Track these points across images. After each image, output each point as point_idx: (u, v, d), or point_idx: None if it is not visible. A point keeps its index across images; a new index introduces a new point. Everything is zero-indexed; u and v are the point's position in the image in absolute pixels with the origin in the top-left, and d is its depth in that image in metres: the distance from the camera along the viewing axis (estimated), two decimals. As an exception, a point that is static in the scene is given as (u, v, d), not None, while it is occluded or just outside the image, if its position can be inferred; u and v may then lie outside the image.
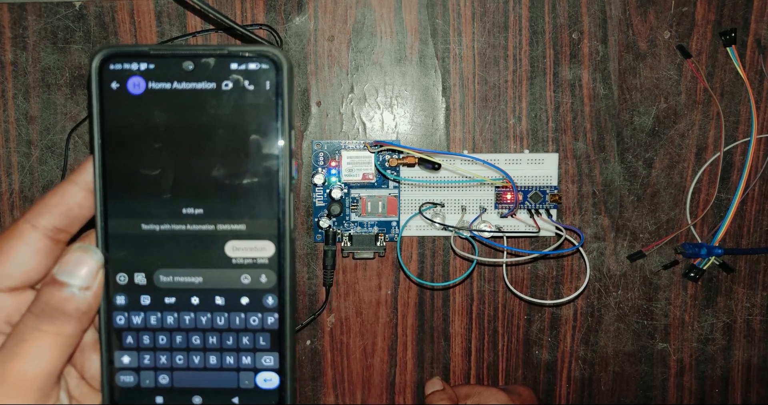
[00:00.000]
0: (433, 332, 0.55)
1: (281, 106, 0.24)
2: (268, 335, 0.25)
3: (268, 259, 0.25)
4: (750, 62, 0.53)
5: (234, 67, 0.24)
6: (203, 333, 0.25)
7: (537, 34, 0.52)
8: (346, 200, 0.52)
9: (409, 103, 0.52)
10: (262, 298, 0.25)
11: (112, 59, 0.24)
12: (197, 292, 0.25)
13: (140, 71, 0.24)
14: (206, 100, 0.24)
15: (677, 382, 0.56)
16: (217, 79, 0.24)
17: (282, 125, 0.24)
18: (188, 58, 0.24)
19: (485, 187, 0.52)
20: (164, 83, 0.24)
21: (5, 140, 0.51)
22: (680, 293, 0.55)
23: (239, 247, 0.25)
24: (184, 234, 0.25)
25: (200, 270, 0.25)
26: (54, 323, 0.23)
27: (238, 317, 0.25)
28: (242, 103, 0.24)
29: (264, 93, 0.24)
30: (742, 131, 0.53)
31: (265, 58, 0.24)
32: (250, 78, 0.24)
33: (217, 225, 0.25)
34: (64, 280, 0.23)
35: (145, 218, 0.25)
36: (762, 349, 0.56)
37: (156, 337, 0.25)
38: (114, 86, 0.24)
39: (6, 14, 0.50)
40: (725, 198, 0.54)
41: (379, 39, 0.52)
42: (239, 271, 0.25)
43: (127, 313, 0.25)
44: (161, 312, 0.25)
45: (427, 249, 0.54)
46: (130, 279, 0.25)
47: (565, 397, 0.56)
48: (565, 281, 0.54)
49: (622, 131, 0.53)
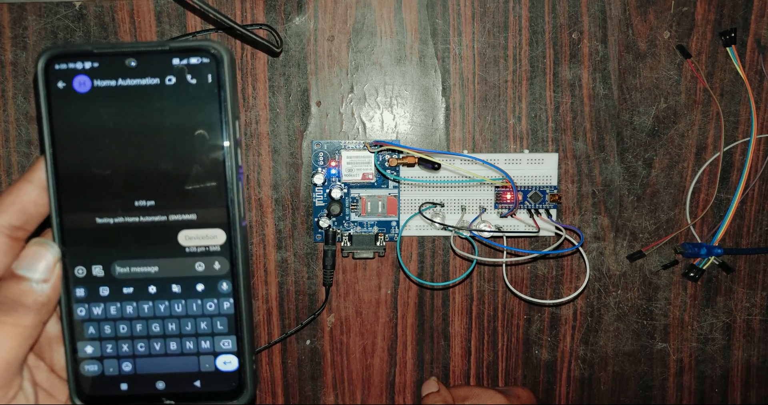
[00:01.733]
0: (432, 332, 0.55)
1: (224, 98, 0.25)
2: (225, 319, 0.26)
3: (220, 246, 0.26)
4: (750, 62, 0.53)
5: (176, 62, 0.25)
6: (162, 320, 0.26)
7: (537, 34, 0.52)
8: (346, 200, 0.52)
9: (409, 103, 0.52)
10: (216, 284, 0.26)
11: (57, 59, 0.24)
12: (154, 281, 0.26)
13: (85, 70, 0.25)
14: (151, 96, 0.25)
15: (677, 381, 0.56)
16: (160, 75, 0.25)
17: (225, 116, 0.25)
18: (131, 55, 0.24)
19: (485, 187, 0.52)
20: (109, 81, 0.25)
21: (5, 140, 0.51)
22: (680, 293, 0.55)
23: (191, 236, 0.26)
24: (137, 226, 0.25)
25: (155, 260, 0.26)
26: (13, 315, 0.24)
27: (195, 303, 0.26)
28: (186, 96, 0.25)
29: (206, 86, 0.25)
30: (741, 131, 0.54)
31: (205, 52, 0.25)
32: (192, 72, 0.25)
33: (168, 216, 0.25)
34: (23, 273, 0.24)
35: (99, 212, 0.25)
36: (762, 348, 0.56)
37: (117, 326, 0.26)
38: (60, 86, 0.25)
39: (6, 14, 0.50)
40: (725, 198, 0.54)
41: (379, 39, 0.52)
42: (193, 259, 0.26)
43: (87, 304, 0.26)
44: (120, 302, 0.26)
45: (426, 249, 0.54)
46: (88, 271, 0.26)
47: (564, 397, 0.56)
48: (564, 281, 0.54)
49: (622, 131, 0.53)
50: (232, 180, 0.25)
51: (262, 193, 0.52)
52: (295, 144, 0.52)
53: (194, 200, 0.25)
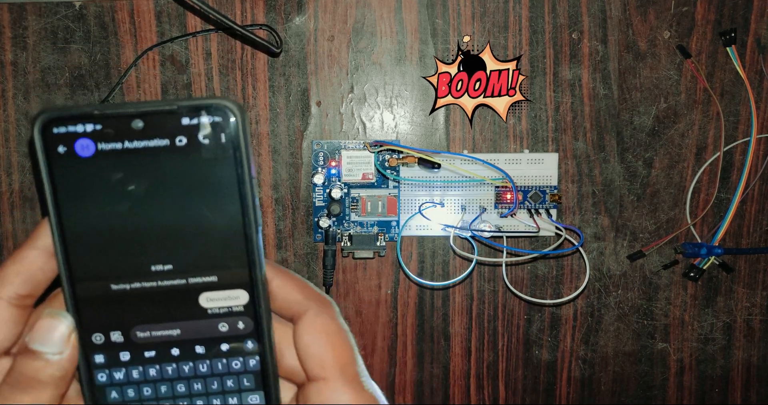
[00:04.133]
0: (432, 332, 0.55)
1: (239, 157, 0.23)
2: (252, 376, 0.25)
3: (243, 306, 0.25)
4: (750, 62, 0.53)
5: (186, 121, 0.23)
6: (188, 380, 0.25)
7: (537, 34, 0.52)
8: (346, 200, 0.52)
9: (409, 103, 0.52)
10: (242, 344, 0.25)
11: (55, 123, 0.23)
12: (176, 344, 0.25)
13: (87, 133, 0.23)
14: (161, 158, 0.23)
15: (677, 381, 0.56)
16: (170, 136, 0.23)
17: (241, 175, 0.24)
18: (136, 117, 0.23)
19: (485, 186, 0.52)
20: (114, 143, 0.23)
21: (5, 140, 0.51)
22: (680, 293, 0.55)
23: (213, 298, 0.25)
24: (155, 291, 0.24)
25: (177, 323, 0.25)
26: (30, 393, 0.23)
27: (220, 363, 0.25)
28: (198, 157, 0.23)
29: (220, 145, 0.23)
30: (741, 131, 0.53)
31: (217, 109, 0.23)
32: (204, 131, 0.23)
33: (188, 279, 0.24)
34: (37, 348, 0.23)
35: (113, 279, 0.24)
36: (762, 348, 0.56)
37: (140, 389, 0.25)
38: (61, 150, 0.23)
39: (6, 14, 0.50)
40: (725, 198, 0.54)
41: (379, 39, 0.52)
42: (216, 321, 0.25)
43: (108, 370, 0.25)
44: (142, 366, 0.25)
45: (426, 249, 0.54)
46: (106, 338, 0.25)
47: (565, 397, 0.56)
48: (564, 281, 0.54)
49: (622, 131, 0.53)
50: (252, 239, 0.24)
51: (262, 193, 0.52)
52: (295, 144, 0.52)
53: (214, 262, 0.24)
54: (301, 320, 0.25)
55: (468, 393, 0.55)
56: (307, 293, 0.25)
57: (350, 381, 0.25)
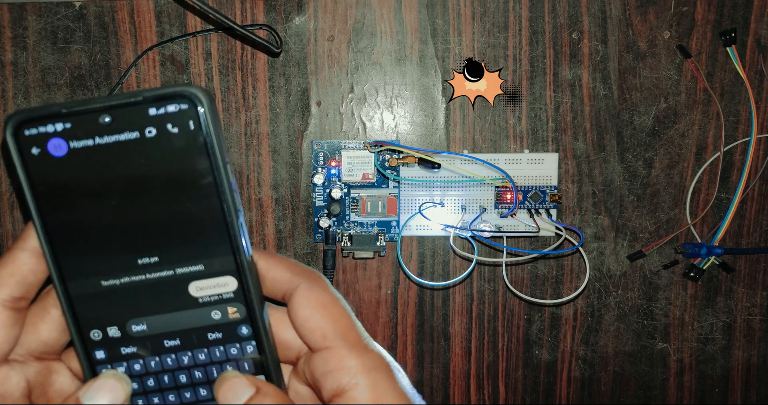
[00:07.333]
0: (432, 332, 0.55)
1: (210, 143, 0.23)
2: (251, 361, 0.26)
3: (233, 292, 0.25)
4: (750, 62, 0.53)
5: (153, 112, 0.23)
6: (188, 370, 0.26)
7: (537, 34, 0.52)
8: (346, 200, 0.52)
9: (409, 103, 0.52)
10: (236, 330, 0.26)
11: (26, 124, 0.23)
12: (173, 335, 0.25)
13: (58, 132, 0.23)
14: (133, 150, 0.23)
15: (677, 381, 0.56)
16: (139, 128, 0.23)
17: (215, 161, 0.24)
18: (103, 111, 0.23)
19: (485, 186, 0.52)
20: (86, 140, 0.23)
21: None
22: (680, 293, 0.55)
23: (202, 287, 0.25)
24: (145, 283, 0.25)
25: (170, 314, 0.25)
26: None
27: (218, 350, 0.26)
28: (170, 147, 0.23)
29: (189, 133, 0.23)
30: (742, 131, 0.54)
31: (182, 97, 0.23)
32: (172, 121, 0.23)
33: (175, 270, 0.25)
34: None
35: (102, 275, 0.24)
36: (762, 348, 0.56)
37: (144, 381, 0.26)
38: (35, 151, 0.23)
39: (6, 14, 0.50)
40: (725, 198, 0.54)
41: (379, 39, 0.52)
42: (208, 309, 0.25)
43: (110, 365, 0.25)
44: (143, 358, 0.26)
45: (426, 249, 0.54)
46: (104, 334, 0.25)
47: (565, 397, 0.56)
48: (565, 281, 0.54)
49: (622, 131, 0.53)
50: (233, 225, 0.24)
51: (262, 193, 0.52)
52: (295, 144, 0.52)
53: (199, 250, 0.24)
54: (293, 296, 0.25)
55: (468, 393, 0.55)
56: (295, 270, 0.26)
57: (354, 345, 0.25)
